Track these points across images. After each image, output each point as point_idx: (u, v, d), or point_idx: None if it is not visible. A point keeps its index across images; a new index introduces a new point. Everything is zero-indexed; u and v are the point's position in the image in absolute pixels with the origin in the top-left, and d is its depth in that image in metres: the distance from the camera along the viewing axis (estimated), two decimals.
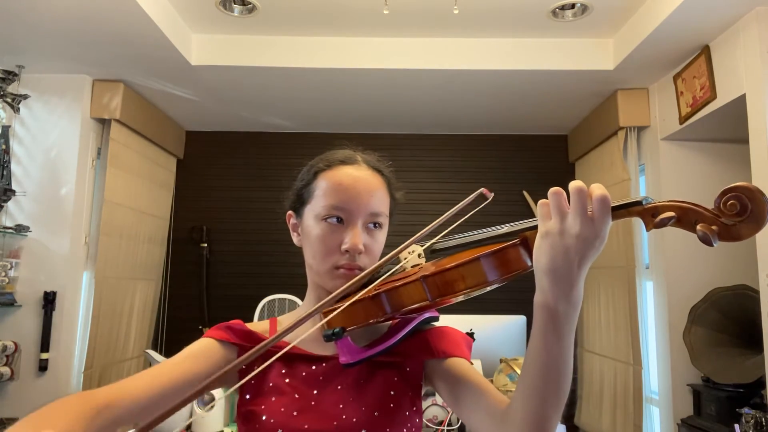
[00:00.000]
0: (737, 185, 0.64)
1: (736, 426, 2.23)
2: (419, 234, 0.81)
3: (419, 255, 0.88)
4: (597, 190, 0.66)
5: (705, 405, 2.66)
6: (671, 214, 0.66)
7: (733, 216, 0.64)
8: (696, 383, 2.78)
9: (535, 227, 0.72)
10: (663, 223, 0.66)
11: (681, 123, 2.84)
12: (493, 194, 0.91)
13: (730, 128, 2.75)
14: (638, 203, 0.68)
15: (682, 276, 2.92)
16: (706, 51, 2.61)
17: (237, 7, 2.73)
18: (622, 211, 0.69)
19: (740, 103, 2.41)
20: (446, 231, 0.85)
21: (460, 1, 2.52)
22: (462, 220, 0.85)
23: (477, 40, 2.99)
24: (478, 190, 0.91)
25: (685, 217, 0.66)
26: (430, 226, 0.82)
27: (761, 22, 2.30)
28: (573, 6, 2.67)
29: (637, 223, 3.21)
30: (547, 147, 4.06)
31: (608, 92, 3.29)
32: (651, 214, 0.67)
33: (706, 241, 0.64)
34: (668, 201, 0.67)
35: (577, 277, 0.68)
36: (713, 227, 0.64)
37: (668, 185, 3.01)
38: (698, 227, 0.64)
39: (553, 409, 0.73)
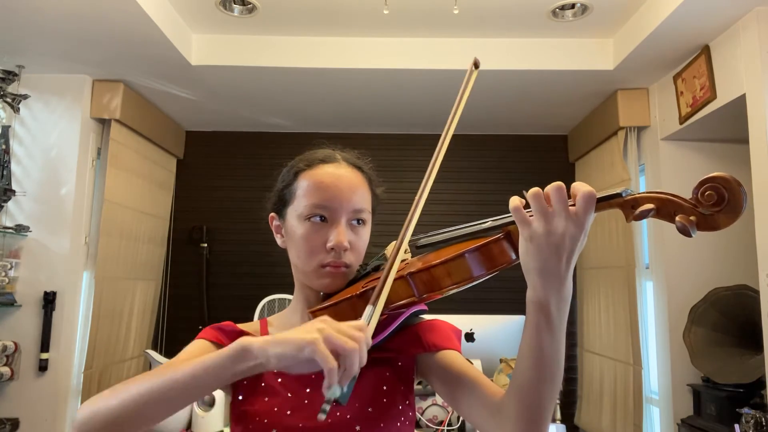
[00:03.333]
0: (714, 175, 0.65)
1: (736, 426, 2.23)
2: (405, 225, 0.82)
3: (405, 250, 0.88)
4: (582, 187, 0.67)
5: (705, 405, 2.66)
6: (650, 206, 0.67)
7: (710, 206, 0.64)
8: (696, 383, 2.78)
9: None
10: (642, 215, 0.67)
11: (681, 123, 2.84)
12: (480, 61, 0.93)
13: (730, 128, 2.74)
14: (618, 195, 0.69)
15: (682, 276, 2.92)
16: (706, 51, 2.60)
17: (237, 7, 2.73)
18: (602, 203, 0.69)
19: (740, 103, 2.41)
20: (452, 124, 0.85)
21: (460, 1, 2.52)
22: (464, 101, 0.87)
23: (477, 40, 2.99)
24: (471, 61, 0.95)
25: (664, 208, 0.67)
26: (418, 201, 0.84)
27: (761, 22, 2.30)
28: (573, 6, 2.67)
29: (637, 223, 3.22)
30: (547, 147, 4.06)
31: (608, 92, 3.29)
32: (631, 206, 0.68)
33: (684, 231, 0.65)
34: (647, 192, 0.68)
35: (566, 272, 0.69)
36: (691, 218, 0.65)
37: (668, 185, 3.01)
38: (677, 218, 0.65)
39: (548, 401, 0.75)
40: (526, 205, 0.70)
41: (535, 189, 0.68)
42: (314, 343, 0.64)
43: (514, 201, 0.70)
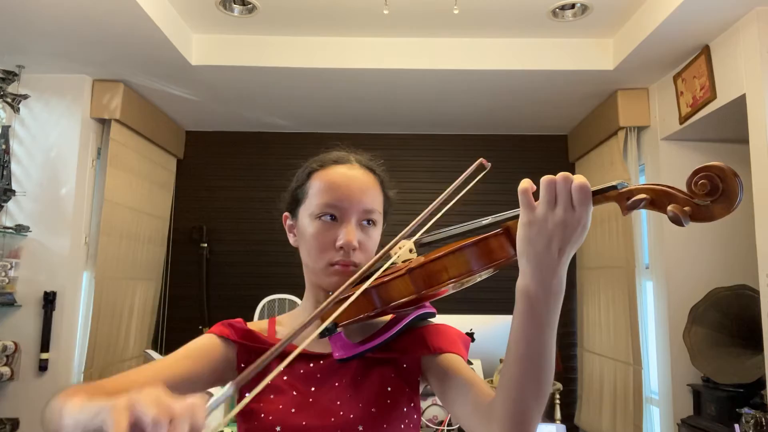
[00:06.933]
0: (708, 165, 0.64)
1: (736, 426, 2.23)
2: (411, 225, 0.83)
3: (410, 250, 0.89)
4: (577, 179, 0.68)
5: (705, 405, 2.66)
6: (643, 195, 0.67)
7: (704, 196, 0.64)
8: (696, 383, 2.78)
9: (517, 217, 0.73)
10: (635, 205, 0.67)
11: (681, 123, 2.84)
12: (490, 164, 0.94)
13: (730, 128, 2.74)
14: (613, 188, 0.69)
15: (682, 276, 2.92)
16: (706, 51, 2.60)
17: (237, 7, 2.73)
18: (598, 196, 0.70)
19: (740, 103, 2.41)
20: (445, 209, 0.85)
21: (460, 1, 2.52)
22: (463, 192, 0.87)
23: (477, 40, 2.99)
24: (477, 160, 0.93)
25: (658, 199, 0.67)
26: (424, 212, 0.84)
27: (761, 22, 2.30)
28: (573, 6, 2.67)
29: (637, 223, 3.22)
30: (547, 147, 4.06)
31: (608, 92, 3.28)
32: (626, 198, 0.69)
33: (676, 221, 0.64)
34: (643, 185, 0.68)
35: (558, 264, 0.69)
36: (685, 208, 0.65)
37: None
38: (669, 207, 0.65)
39: (532, 401, 0.73)
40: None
41: (549, 176, 0.69)
42: (111, 408, 0.51)
43: (525, 183, 0.71)
